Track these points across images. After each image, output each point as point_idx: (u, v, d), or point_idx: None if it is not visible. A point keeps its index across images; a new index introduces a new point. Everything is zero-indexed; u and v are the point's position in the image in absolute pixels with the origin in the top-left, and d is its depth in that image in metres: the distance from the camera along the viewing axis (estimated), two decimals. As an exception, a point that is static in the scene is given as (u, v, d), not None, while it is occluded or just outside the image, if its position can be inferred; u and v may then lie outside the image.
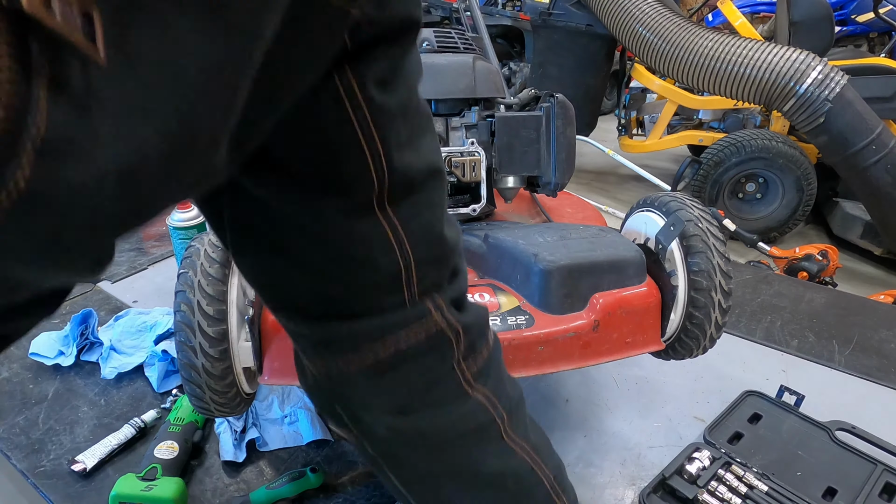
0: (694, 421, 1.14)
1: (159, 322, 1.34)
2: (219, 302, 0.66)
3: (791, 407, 1.13)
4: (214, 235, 0.72)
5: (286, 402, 1.13)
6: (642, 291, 0.78)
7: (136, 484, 0.92)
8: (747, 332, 1.43)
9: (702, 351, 0.85)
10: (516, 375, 0.73)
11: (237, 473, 1.02)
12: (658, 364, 1.04)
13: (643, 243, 0.85)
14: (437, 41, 0.97)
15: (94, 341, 1.31)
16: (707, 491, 0.93)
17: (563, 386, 1.23)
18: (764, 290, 1.65)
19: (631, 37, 3.17)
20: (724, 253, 0.79)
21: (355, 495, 0.98)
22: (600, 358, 0.76)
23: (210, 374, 0.67)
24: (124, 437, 1.06)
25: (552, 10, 3.71)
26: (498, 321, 0.71)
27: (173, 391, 1.19)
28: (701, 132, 3.74)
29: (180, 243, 1.47)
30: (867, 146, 2.66)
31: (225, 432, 1.06)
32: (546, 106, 0.92)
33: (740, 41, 2.85)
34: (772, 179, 3.32)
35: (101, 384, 1.23)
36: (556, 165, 0.93)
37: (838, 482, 0.97)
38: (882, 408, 1.18)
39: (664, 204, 0.84)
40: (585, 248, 0.77)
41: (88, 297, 1.56)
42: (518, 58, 5.79)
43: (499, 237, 0.80)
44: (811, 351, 1.37)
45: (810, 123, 2.73)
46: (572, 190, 1.19)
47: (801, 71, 2.68)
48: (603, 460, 1.05)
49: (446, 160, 0.86)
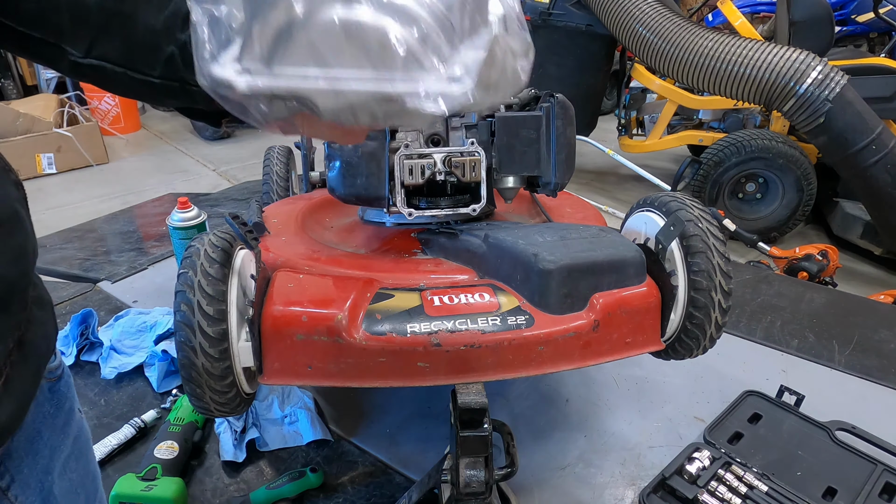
0: (694, 421, 1.14)
1: (159, 322, 1.34)
2: (219, 302, 0.66)
3: (791, 407, 1.13)
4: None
5: (286, 402, 1.13)
6: (642, 291, 0.78)
7: (136, 484, 0.92)
8: (747, 332, 1.43)
9: (702, 351, 0.85)
10: (516, 375, 0.73)
11: (237, 473, 1.02)
12: (658, 364, 1.04)
13: (643, 243, 0.84)
14: (437, 41, 0.97)
15: (94, 341, 1.31)
16: (707, 491, 0.93)
17: (563, 386, 1.23)
18: (764, 290, 1.65)
19: (631, 37, 3.17)
20: (724, 253, 0.79)
21: (355, 495, 0.98)
22: (600, 358, 0.76)
23: (210, 374, 0.67)
24: (124, 437, 1.06)
25: (552, 10, 3.71)
26: (498, 321, 0.71)
27: (173, 391, 1.19)
28: (701, 132, 3.73)
29: (180, 243, 1.47)
30: (867, 146, 2.66)
31: (225, 432, 1.06)
32: (546, 106, 0.92)
33: (740, 41, 2.85)
34: (772, 179, 3.32)
35: (101, 384, 1.23)
36: (556, 165, 0.92)
37: (838, 482, 0.97)
38: (882, 408, 1.18)
39: (664, 204, 0.84)
40: (585, 248, 0.77)
41: (88, 297, 1.56)
42: (518, 58, 5.75)
43: (499, 237, 0.80)
44: (811, 351, 1.37)
45: (810, 123, 2.73)
46: (572, 190, 1.19)
47: (801, 71, 2.68)
48: (603, 460, 1.05)
49: (446, 160, 0.86)
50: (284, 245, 0.93)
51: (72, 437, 0.56)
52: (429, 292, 0.75)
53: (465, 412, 0.69)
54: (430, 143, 0.92)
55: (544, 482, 1.01)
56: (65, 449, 0.54)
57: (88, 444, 0.61)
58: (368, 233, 1.03)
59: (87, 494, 0.59)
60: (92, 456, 0.62)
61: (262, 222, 0.99)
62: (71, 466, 0.55)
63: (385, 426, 1.13)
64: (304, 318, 0.69)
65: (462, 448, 0.71)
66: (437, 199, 0.90)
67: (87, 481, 0.60)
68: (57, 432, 0.53)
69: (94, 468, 0.62)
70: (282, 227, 1.01)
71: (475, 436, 0.70)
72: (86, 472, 0.59)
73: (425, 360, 0.70)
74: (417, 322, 0.70)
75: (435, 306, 0.73)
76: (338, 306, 0.70)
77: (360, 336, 0.69)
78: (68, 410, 0.56)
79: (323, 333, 0.69)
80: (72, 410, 0.57)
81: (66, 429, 0.55)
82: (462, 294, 0.75)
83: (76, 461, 0.56)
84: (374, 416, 1.15)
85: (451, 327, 0.70)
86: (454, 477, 0.72)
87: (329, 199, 1.15)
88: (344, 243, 1.01)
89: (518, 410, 1.16)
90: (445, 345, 0.69)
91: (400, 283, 0.79)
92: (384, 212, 0.93)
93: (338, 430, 1.11)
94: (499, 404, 1.18)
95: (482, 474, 0.71)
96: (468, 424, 0.70)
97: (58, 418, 0.53)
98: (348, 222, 1.11)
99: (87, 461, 0.60)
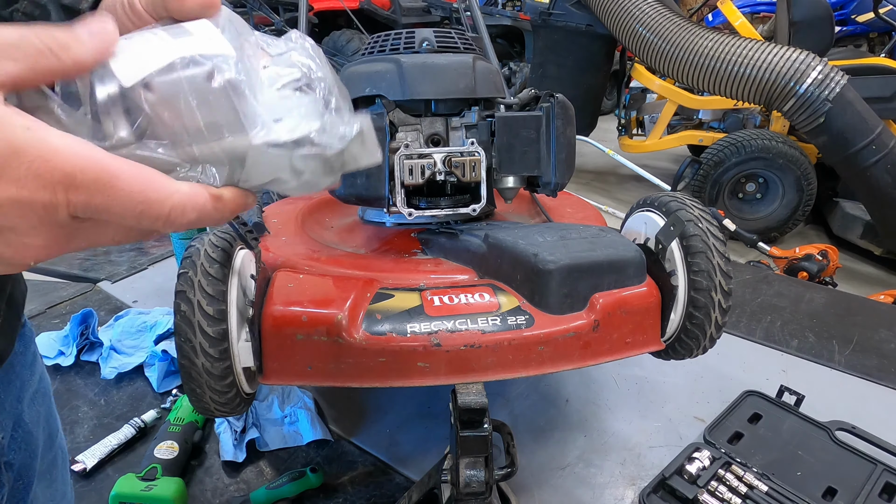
0: (694, 421, 1.14)
1: (159, 322, 1.34)
2: (219, 302, 0.66)
3: (791, 407, 1.13)
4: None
5: (286, 402, 1.13)
6: (642, 291, 0.78)
7: (136, 484, 0.92)
8: (747, 332, 1.43)
9: (702, 351, 0.85)
10: (516, 375, 0.73)
11: (237, 473, 1.02)
12: (658, 364, 1.04)
13: (643, 243, 0.84)
14: (437, 41, 0.97)
15: (94, 341, 1.31)
16: (707, 491, 0.93)
17: (563, 386, 1.23)
18: (764, 290, 1.65)
19: (631, 37, 3.18)
20: (724, 253, 0.79)
21: (355, 495, 0.98)
22: (600, 358, 0.76)
23: (210, 374, 0.67)
24: (124, 437, 1.06)
25: (552, 10, 3.71)
26: (498, 321, 0.71)
27: (173, 391, 1.19)
28: (701, 132, 3.74)
29: (180, 243, 1.47)
30: (867, 146, 2.67)
31: (225, 432, 1.06)
32: (546, 106, 0.92)
33: (740, 41, 2.85)
34: (772, 179, 3.32)
35: (101, 384, 1.23)
36: (556, 165, 0.92)
37: (838, 482, 0.97)
38: (882, 408, 1.18)
39: (664, 204, 0.84)
40: (585, 248, 0.77)
41: (88, 297, 1.56)
42: (518, 58, 5.79)
43: (499, 237, 0.80)
44: (811, 351, 1.37)
45: (810, 123, 2.73)
46: (572, 190, 1.19)
47: (801, 71, 2.68)
48: (603, 460, 1.05)
49: (446, 160, 0.86)
50: (284, 245, 0.93)
51: (37, 376, 0.65)
52: (429, 292, 0.75)
53: (465, 412, 0.69)
54: (430, 143, 0.92)
55: (544, 482, 1.01)
56: (32, 384, 0.63)
57: (49, 388, 0.69)
58: (368, 233, 1.03)
59: (50, 431, 0.67)
60: (53, 402, 0.70)
61: (262, 222, 0.99)
62: (38, 401, 0.64)
63: (385, 426, 1.13)
64: (304, 318, 0.69)
65: (462, 448, 0.71)
66: (437, 199, 0.90)
67: (52, 420, 0.68)
68: (26, 368, 0.62)
69: (55, 412, 0.70)
70: (282, 227, 1.01)
71: (475, 436, 0.70)
72: (49, 412, 0.67)
73: (425, 360, 0.70)
74: (417, 322, 0.70)
75: (435, 306, 0.73)
76: (338, 306, 0.70)
77: (360, 336, 0.69)
78: (34, 352, 0.65)
79: (323, 333, 0.69)
80: (35, 354, 0.66)
81: (33, 367, 0.64)
82: (462, 294, 0.75)
83: (42, 398, 0.65)
84: (374, 416, 1.15)
85: (451, 327, 0.70)
86: (454, 477, 0.72)
87: (329, 199, 1.15)
88: (344, 243, 1.01)
89: (518, 410, 1.16)
90: (445, 345, 0.69)
91: (400, 283, 0.79)
92: (384, 212, 0.93)
93: (338, 430, 1.11)
94: (499, 404, 1.18)
95: (482, 474, 0.71)
96: (468, 424, 0.70)
97: (26, 356, 0.63)
98: (348, 222, 1.11)
99: (50, 403, 0.68)
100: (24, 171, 0.29)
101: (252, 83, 0.35)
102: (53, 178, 0.30)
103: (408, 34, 0.96)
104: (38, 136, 0.30)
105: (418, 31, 0.96)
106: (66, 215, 0.31)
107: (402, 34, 0.96)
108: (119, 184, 0.32)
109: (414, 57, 0.91)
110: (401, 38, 0.95)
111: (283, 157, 0.36)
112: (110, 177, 0.31)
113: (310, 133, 0.36)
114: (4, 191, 0.29)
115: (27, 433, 0.60)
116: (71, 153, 0.30)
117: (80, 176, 0.30)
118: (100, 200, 0.31)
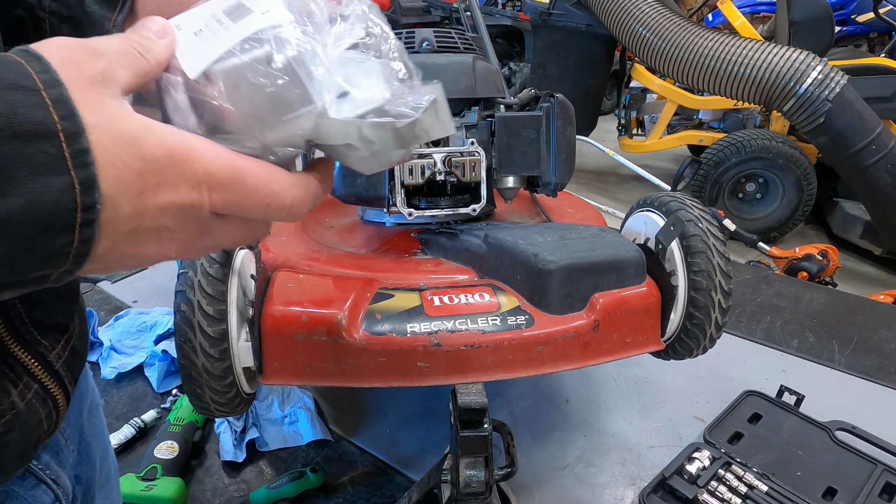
0: (694, 421, 1.14)
1: (159, 322, 1.34)
2: (219, 302, 0.66)
3: (791, 407, 1.13)
4: None
5: (286, 402, 1.13)
6: (642, 291, 0.78)
7: (136, 484, 0.92)
8: (747, 332, 1.43)
9: (702, 351, 0.85)
10: (516, 375, 0.73)
11: (237, 473, 1.02)
12: (658, 364, 1.04)
13: (643, 243, 0.84)
14: (437, 41, 0.97)
15: (94, 341, 1.31)
16: (707, 491, 0.93)
17: (563, 386, 1.23)
18: (764, 290, 1.65)
19: (631, 37, 3.18)
20: (724, 253, 0.79)
21: (355, 495, 0.98)
22: (600, 358, 0.76)
23: (210, 374, 0.67)
24: (124, 437, 1.06)
25: (552, 10, 3.71)
26: (498, 321, 0.71)
27: (173, 391, 1.19)
28: (701, 132, 3.74)
29: (180, 243, 1.47)
30: (867, 146, 2.67)
31: (225, 432, 1.06)
32: (546, 106, 0.92)
33: (740, 41, 2.85)
34: (772, 179, 3.32)
35: (101, 384, 1.23)
36: (556, 165, 0.92)
37: (838, 482, 0.97)
38: (882, 408, 1.18)
39: (664, 204, 0.84)
40: (585, 248, 0.77)
41: (88, 297, 1.56)
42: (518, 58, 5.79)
43: (499, 237, 0.80)
44: (811, 351, 1.37)
45: (810, 123, 2.73)
46: (572, 190, 1.19)
47: (801, 71, 2.68)
48: (603, 460, 1.05)
49: (446, 160, 0.86)
50: (284, 245, 0.93)
51: (91, 387, 0.64)
52: (429, 292, 0.75)
53: (465, 412, 0.69)
54: (429, 142, 0.93)
55: (544, 482, 1.01)
56: (88, 396, 0.62)
57: (100, 400, 0.69)
58: (368, 233, 1.03)
59: (104, 444, 0.65)
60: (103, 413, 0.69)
61: (261, 222, 0.98)
62: (94, 413, 0.63)
63: (385, 426, 1.13)
64: (304, 318, 0.69)
65: (462, 448, 0.71)
66: (437, 199, 0.90)
67: (105, 433, 0.67)
68: (83, 380, 0.61)
69: (105, 424, 0.69)
70: (282, 226, 1.01)
71: (475, 436, 0.70)
72: (102, 425, 0.67)
73: (425, 360, 0.70)
74: (417, 322, 0.70)
75: (435, 306, 0.73)
76: (338, 306, 0.70)
77: (360, 336, 0.69)
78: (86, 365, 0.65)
79: (323, 333, 0.69)
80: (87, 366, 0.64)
81: (86, 379, 0.63)
82: (462, 294, 0.75)
83: (96, 410, 0.64)
84: (374, 416, 1.15)
85: (451, 327, 0.70)
86: (454, 477, 0.72)
87: (329, 198, 1.15)
88: (344, 243, 1.01)
89: (518, 410, 1.16)
90: (445, 345, 0.69)
91: (400, 283, 0.79)
92: (384, 212, 0.93)
93: (338, 430, 1.11)
94: (499, 404, 1.18)
95: (482, 474, 0.71)
96: (468, 424, 0.70)
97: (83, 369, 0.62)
98: (348, 222, 1.11)
99: (101, 415, 0.67)
100: (179, 175, 0.31)
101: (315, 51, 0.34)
102: (199, 179, 0.32)
103: (408, 34, 0.96)
104: (182, 140, 0.31)
105: (418, 31, 0.96)
106: (208, 213, 0.33)
107: (402, 34, 0.96)
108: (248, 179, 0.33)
109: (414, 57, 0.91)
110: (401, 37, 0.95)
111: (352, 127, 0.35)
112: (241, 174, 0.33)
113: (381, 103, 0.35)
114: (167, 195, 0.31)
115: (87, 445, 0.59)
116: (209, 154, 0.32)
117: (218, 174, 0.32)
118: (235, 197, 0.33)
